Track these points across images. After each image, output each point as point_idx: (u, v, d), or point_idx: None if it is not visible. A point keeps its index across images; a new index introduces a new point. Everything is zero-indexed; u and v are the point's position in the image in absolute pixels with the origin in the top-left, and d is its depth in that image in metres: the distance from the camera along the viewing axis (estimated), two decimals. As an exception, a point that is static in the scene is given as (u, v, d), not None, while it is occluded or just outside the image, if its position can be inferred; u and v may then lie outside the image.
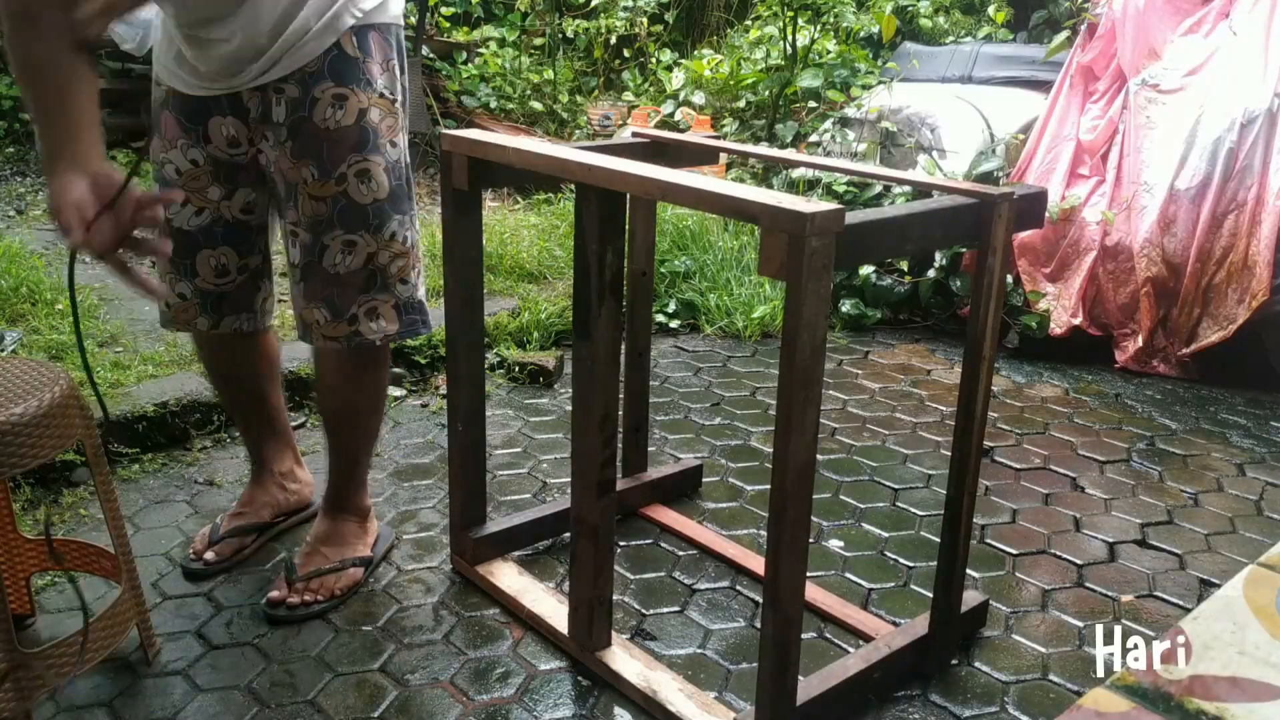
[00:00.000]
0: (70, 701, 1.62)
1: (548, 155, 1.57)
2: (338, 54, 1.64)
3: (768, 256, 1.26)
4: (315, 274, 1.73)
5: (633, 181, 1.44)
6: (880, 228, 1.40)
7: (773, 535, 1.37)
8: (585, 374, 1.60)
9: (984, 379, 1.60)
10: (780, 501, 1.34)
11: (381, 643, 1.79)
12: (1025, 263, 3.33)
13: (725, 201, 1.32)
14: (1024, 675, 1.73)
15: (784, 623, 1.40)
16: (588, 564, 1.66)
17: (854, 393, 2.97)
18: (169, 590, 1.93)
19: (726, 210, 1.33)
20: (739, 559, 2.03)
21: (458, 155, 1.72)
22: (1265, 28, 3.12)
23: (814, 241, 1.22)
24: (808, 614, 1.86)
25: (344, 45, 1.65)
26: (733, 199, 1.31)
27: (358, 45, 1.66)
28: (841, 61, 4.43)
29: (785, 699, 1.45)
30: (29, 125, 5.50)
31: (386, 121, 1.71)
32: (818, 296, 1.25)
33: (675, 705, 1.57)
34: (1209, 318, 3.10)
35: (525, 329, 3.17)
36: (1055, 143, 3.40)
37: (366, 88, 1.67)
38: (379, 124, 1.69)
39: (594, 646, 1.70)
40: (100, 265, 1.44)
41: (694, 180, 1.40)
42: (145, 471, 2.36)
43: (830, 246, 1.24)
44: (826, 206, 1.24)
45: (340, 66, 1.65)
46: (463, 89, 5.42)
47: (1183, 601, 1.96)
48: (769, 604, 1.40)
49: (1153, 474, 2.50)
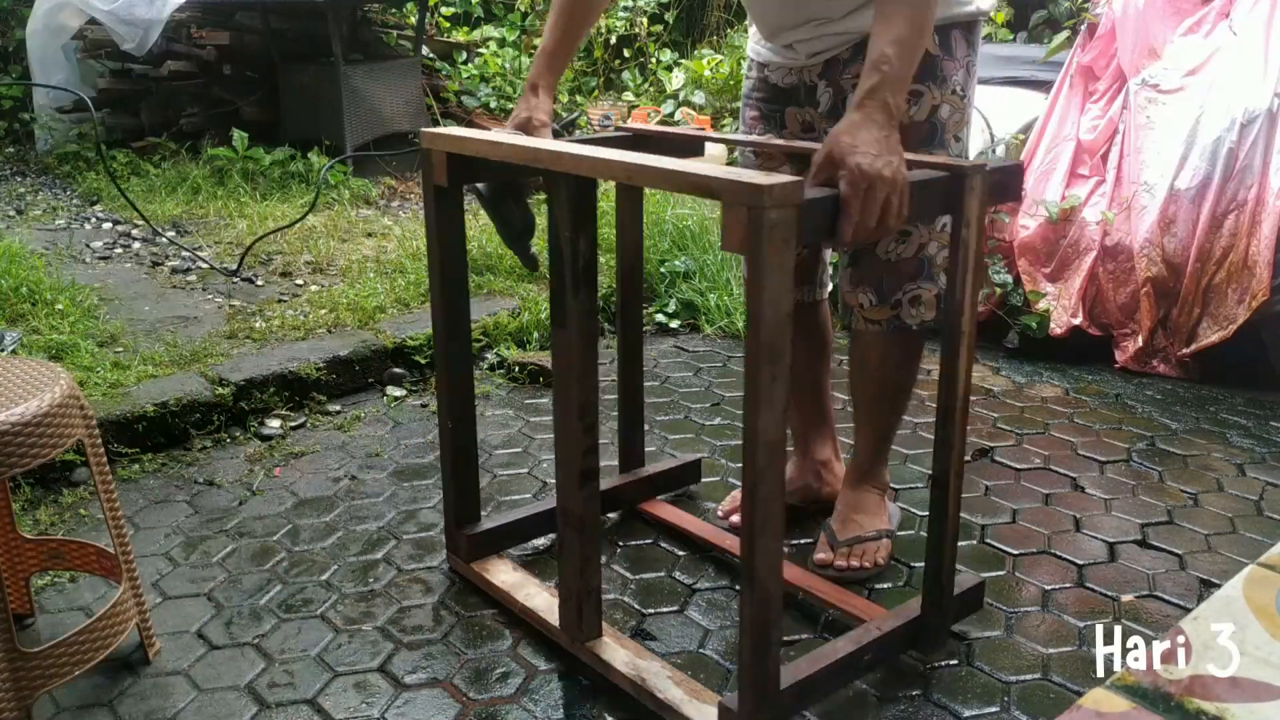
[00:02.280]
0: (70, 701, 1.62)
1: (519, 146, 1.59)
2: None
3: (729, 231, 1.27)
4: (868, 259, 1.82)
5: (599, 165, 1.45)
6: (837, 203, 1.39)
7: (747, 513, 1.37)
8: (563, 363, 1.61)
9: (964, 356, 1.59)
10: (752, 478, 1.34)
11: (381, 643, 1.79)
12: (1025, 263, 3.32)
13: (687, 179, 1.33)
14: (1024, 675, 1.73)
15: (762, 602, 1.39)
16: (574, 554, 1.67)
17: (854, 393, 2.97)
18: (169, 590, 1.93)
19: (688, 187, 1.34)
20: (735, 549, 2.02)
21: (436, 152, 1.73)
22: (1265, 28, 3.12)
23: (773, 214, 1.22)
24: (806, 605, 1.86)
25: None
26: (694, 175, 1.32)
27: (939, 43, 1.72)
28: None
29: (767, 680, 1.44)
30: (29, 125, 5.51)
31: (955, 117, 1.77)
32: (780, 270, 1.25)
33: (664, 692, 1.57)
34: (1209, 318, 3.09)
35: (525, 329, 3.17)
36: (1055, 143, 3.40)
37: (941, 85, 1.73)
38: (948, 120, 1.76)
39: (584, 637, 1.70)
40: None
41: (657, 161, 1.41)
42: (145, 471, 2.36)
43: (791, 219, 1.25)
44: (785, 179, 1.24)
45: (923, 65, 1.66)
46: (463, 89, 5.43)
47: (1183, 601, 1.96)
48: (746, 584, 1.40)
49: (1153, 474, 2.50)
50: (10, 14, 5.77)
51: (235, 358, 2.76)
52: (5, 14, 5.80)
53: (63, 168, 5.05)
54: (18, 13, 5.65)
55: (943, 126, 1.76)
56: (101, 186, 4.67)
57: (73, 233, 4.10)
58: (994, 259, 3.37)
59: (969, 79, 1.80)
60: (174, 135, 5.03)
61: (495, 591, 1.89)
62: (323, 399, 2.75)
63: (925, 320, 1.87)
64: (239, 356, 2.76)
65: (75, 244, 3.92)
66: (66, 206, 4.52)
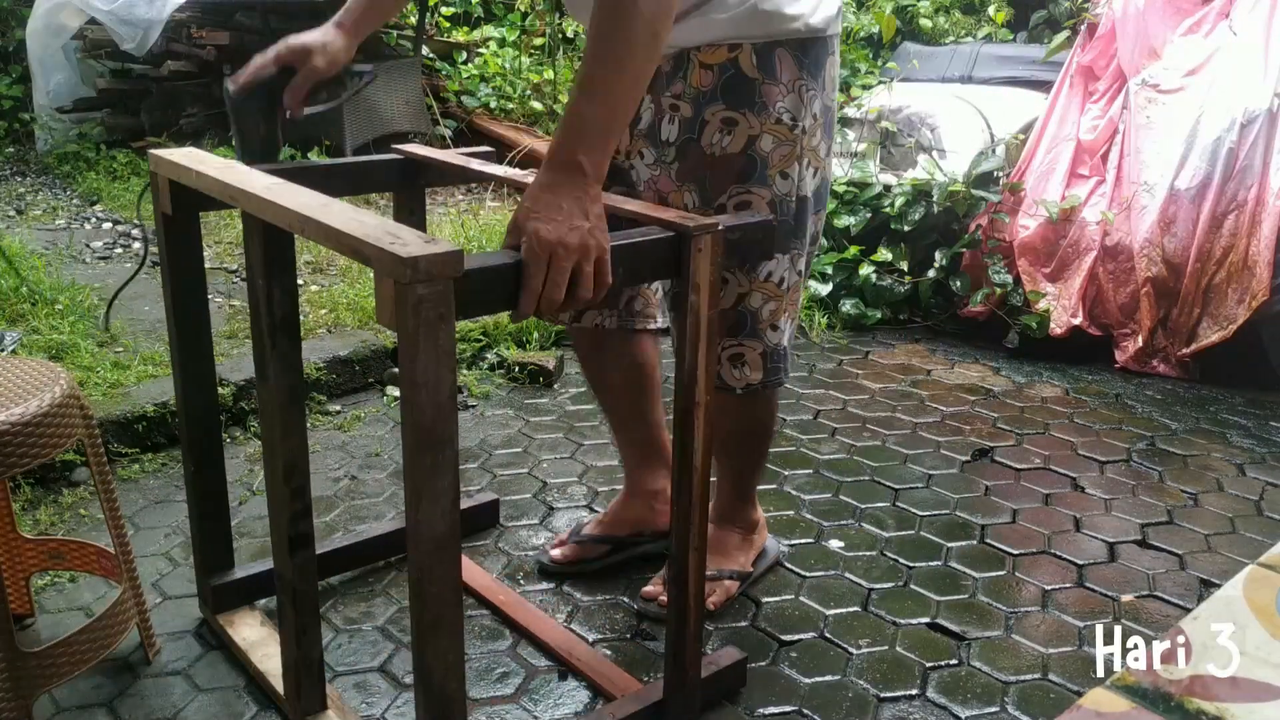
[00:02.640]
0: (70, 701, 1.62)
1: (218, 180, 1.40)
2: (733, 74, 1.52)
3: (381, 303, 1.10)
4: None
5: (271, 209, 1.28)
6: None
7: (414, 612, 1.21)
8: (265, 420, 1.45)
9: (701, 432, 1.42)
10: (417, 574, 1.18)
11: (381, 643, 1.79)
12: (1025, 263, 3.33)
13: (345, 240, 1.14)
14: (1024, 675, 1.73)
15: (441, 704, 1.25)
16: (290, 623, 1.50)
17: (854, 393, 2.97)
18: (169, 590, 1.92)
19: (346, 251, 1.15)
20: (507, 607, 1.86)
21: (161, 177, 1.56)
22: (1265, 28, 3.12)
23: (420, 289, 1.05)
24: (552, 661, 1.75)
25: (741, 64, 1.52)
26: (350, 238, 1.13)
27: (758, 64, 1.52)
28: (841, 61, 4.43)
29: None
30: (29, 125, 5.51)
31: (781, 150, 1.56)
32: (435, 350, 1.08)
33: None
34: (1209, 318, 3.09)
35: (525, 329, 3.17)
36: (1055, 143, 3.40)
37: (761, 112, 1.53)
38: (770, 153, 1.55)
39: (304, 711, 1.54)
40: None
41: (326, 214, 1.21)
42: (145, 471, 2.36)
43: (445, 294, 1.07)
44: (440, 248, 1.07)
45: (736, 88, 1.52)
46: (463, 89, 5.42)
47: (1183, 601, 1.96)
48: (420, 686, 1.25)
49: (1153, 474, 2.50)
50: (10, 14, 5.77)
51: (235, 358, 2.76)
52: (5, 14, 5.80)
53: (63, 168, 5.05)
54: (18, 13, 5.66)
55: (763, 160, 1.55)
56: (101, 186, 4.67)
57: (73, 233, 4.10)
58: (994, 259, 3.37)
59: (803, 106, 1.55)
60: (174, 135, 5.03)
61: (235, 650, 1.72)
62: (323, 399, 2.75)
63: (751, 382, 1.67)
64: (239, 356, 2.76)
65: (75, 244, 3.92)
66: (66, 206, 4.52)
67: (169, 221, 1.60)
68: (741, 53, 1.51)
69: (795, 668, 1.74)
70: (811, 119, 1.57)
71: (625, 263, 1.30)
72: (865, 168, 3.72)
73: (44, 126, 5.39)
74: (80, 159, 5.05)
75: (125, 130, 5.21)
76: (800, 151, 1.57)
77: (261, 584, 1.82)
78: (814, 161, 1.61)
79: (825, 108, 1.60)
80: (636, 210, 1.41)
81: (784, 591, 1.96)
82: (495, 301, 1.21)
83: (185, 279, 1.65)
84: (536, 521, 2.21)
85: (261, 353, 1.41)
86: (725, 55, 1.52)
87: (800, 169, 1.58)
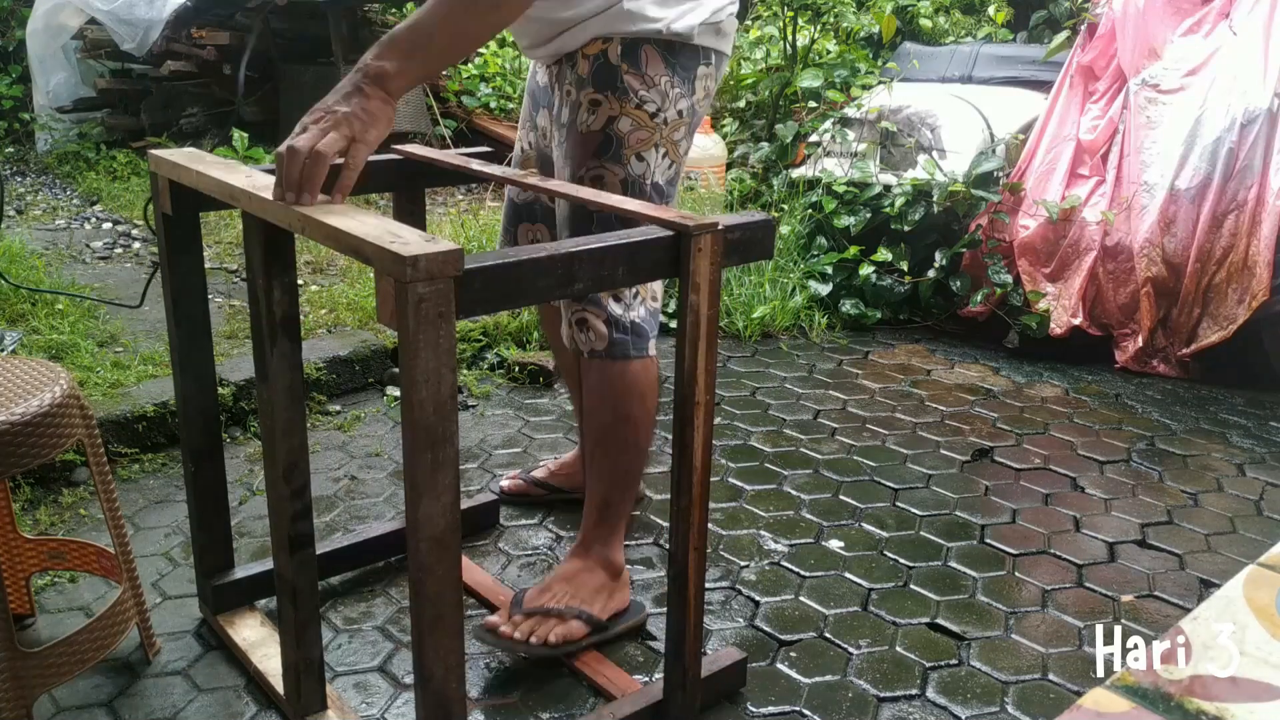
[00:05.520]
0: (70, 701, 1.62)
1: (218, 180, 1.42)
2: (603, 63, 1.65)
3: (381, 302, 1.13)
4: None
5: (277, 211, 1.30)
6: (525, 269, 1.20)
7: (414, 611, 1.22)
8: (265, 421, 1.45)
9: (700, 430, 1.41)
10: (417, 573, 1.19)
11: (381, 643, 1.79)
12: (1025, 263, 3.33)
13: (345, 240, 1.17)
14: (1024, 675, 1.73)
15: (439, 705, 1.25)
16: (290, 624, 1.50)
17: (854, 393, 2.97)
18: (169, 590, 1.92)
19: (346, 250, 1.17)
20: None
21: (161, 178, 1.57)
22: (1265, 28, 3.12)
23: (420, 288, 1.07)
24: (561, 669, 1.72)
25: (609, 54, 1.65)
26: (351, 238, 1.15)
27: (623, 53, 1.65)
28: (841, 61, 4.43)
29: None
30: (29, 125, 5.51)
31: (639, 135, 1.66)
32: (435, 348, 1.10)
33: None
34: (1209, 318, 3.09)
35: (525, 329, 3.17)
36: (1055, 143, 3.40)
37: (622, 97, 1.65)
38: (627, 134, 1.65)
39: (303, 711, 1.55)
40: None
41: (326, 214, 1.23)
42: (145, 471, 2.36)
43: (446, 293, 1.09)
44: (440, 247, 1.09)
45: (602, 74, 1.65)
46: (463, 89, 5.42)
47: (1183, 601, 1.96)
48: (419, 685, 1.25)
49: (1153, 474, 2.50)
50: (10, 14, 5.77)
51: (235, 358, 2.76)
52: (5, 14, 5.80)
53: (63, 168, 5.05)
54: (18, 13, 5.66)
55: (619, 140, 1.65)
56: (101, 186, 4.67)
57: (73, 233, 4.10)
58: (994, 259, 3.37)
59: (668, 101, 1.66)
60: (174, 135, 5.04)
61: (235, 650, 1.72)
62: (323, 399, 2.75)
63: (596, 350, 1.70)
64: (239, 356, 2.76)
65: (75, 244, 3.92)
66: (66, 206, 4.52)
67: (169, 221, 1.61)
68: (610, 45, 1.65)
69: (795, 668, 1.74)
70: (676, 114, 1.69)
71: (625, 262, 1.31)
72: (865, 168, 3.72)
73: (44, 126, 5.39)
74: (80, 159, 5.05)
75: (125, 130, 5.21)
76: (659, 140, 1.68)
77: (261, 584, 1.82)
78: (672, 154, 1.71)
79: (692, 110, 1.71)
80: (636, 210, 1.43)
81: (784, 591, 1.96)
82: (496, 300, 1.22)
83: (185, 279, 1.66)
84: (536, 521, 2.21)
85: (261, 353, 1.41)
86: (599, 48, 1.66)
87: (656, 156, 1.69)
